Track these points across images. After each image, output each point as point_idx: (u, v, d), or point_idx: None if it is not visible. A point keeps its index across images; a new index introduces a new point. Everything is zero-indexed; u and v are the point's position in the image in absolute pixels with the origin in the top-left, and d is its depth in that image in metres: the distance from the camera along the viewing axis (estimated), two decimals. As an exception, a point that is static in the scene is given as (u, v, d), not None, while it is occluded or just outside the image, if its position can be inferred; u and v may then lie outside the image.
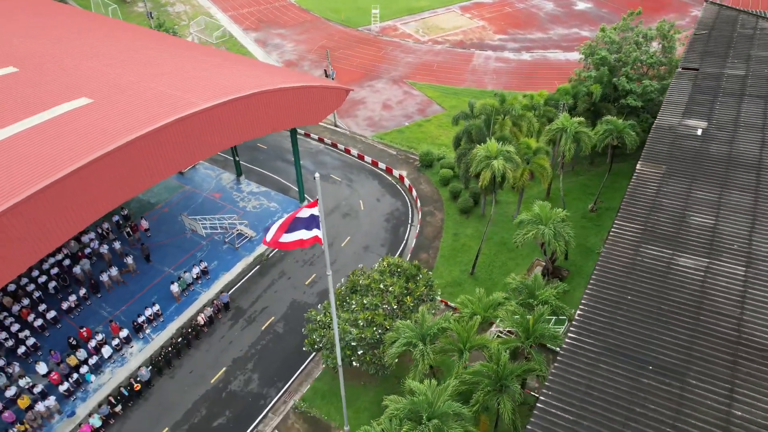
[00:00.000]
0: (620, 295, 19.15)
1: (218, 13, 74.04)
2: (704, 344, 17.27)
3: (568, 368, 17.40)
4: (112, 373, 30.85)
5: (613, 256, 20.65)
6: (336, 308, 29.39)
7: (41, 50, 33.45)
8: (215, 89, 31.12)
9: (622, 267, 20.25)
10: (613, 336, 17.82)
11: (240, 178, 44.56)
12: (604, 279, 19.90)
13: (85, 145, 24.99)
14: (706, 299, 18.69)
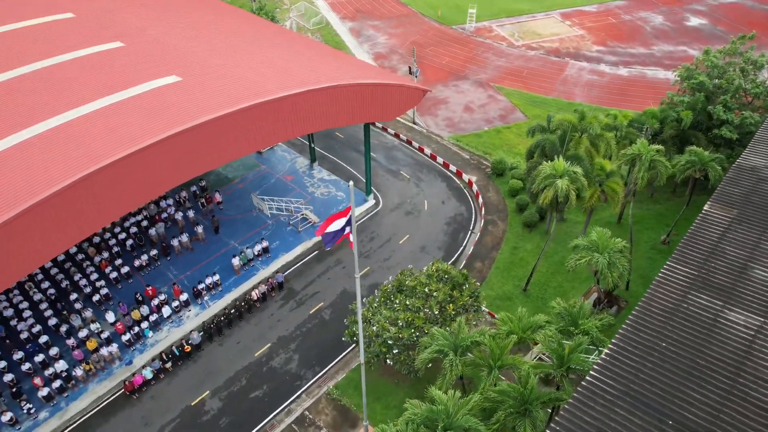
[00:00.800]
0: (655, 340, 18.20)
1: (319, 0, 76.20)
2: (737, 409, 16.08)
3: (582, 407, 16.84)
4: (168, 332, 33.23)
5: (657, 299, 19.60)
6: (379, 305, 30.04)
7: (147, 27, 36.12)
8: (295, 79, 32.37)
9: (664, 311, 19.18)
10: (637, 382, 17.00)
11: (313, 164, 46.04)
12: (642, 321, 18.97)
13: (172, 118, 26.99)
14: (750, 361, 17.36)
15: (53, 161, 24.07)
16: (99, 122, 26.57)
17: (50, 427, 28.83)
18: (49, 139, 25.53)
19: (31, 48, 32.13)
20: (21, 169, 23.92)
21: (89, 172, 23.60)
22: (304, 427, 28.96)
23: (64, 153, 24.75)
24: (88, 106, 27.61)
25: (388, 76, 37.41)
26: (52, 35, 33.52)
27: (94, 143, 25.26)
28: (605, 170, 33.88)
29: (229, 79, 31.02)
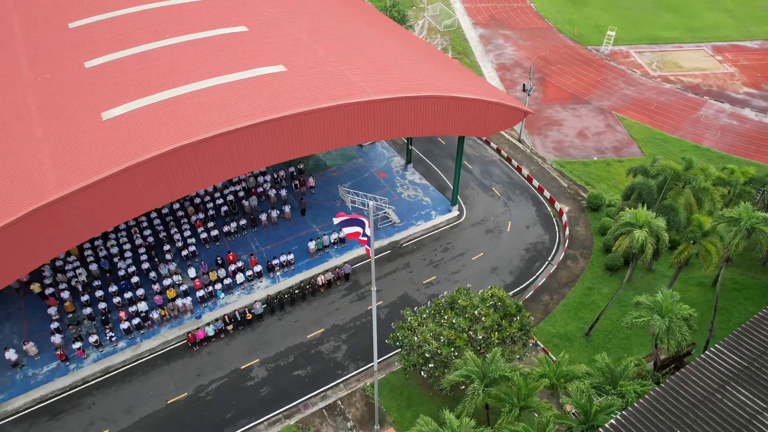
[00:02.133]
0: (670, 425, 16.75)
1: (456, 2, 76.42)
2: None
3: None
4: (238, 297, 36.04)
5: (688, 382, 17.97)
6: (428, 316, 30.31)
7: (271, 16, 38.91)
8: (396, 84, 33.28)
9: (692, 398, 17.53)
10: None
11: (408, 166, 46.91)
12: (663, 402, 17.53)
13: (264, 105, 29.21)
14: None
15: (153, 131, 27.20)
16: (199, 99, 29.45)
17: (124, 356, 32.74)
18: (154, 110, 28.83)
19: (167, 25, 36.07)
20: (147, 130, 27.41)
21: (183, 144, 26.40)
22: (333, 415, 30.25)
23: (161, 125, 27.84)
24: (198, 83, 30.66)
25: (491, 91, 37.04)
26: (187, 15, 37.29)
27: (192, 117, 28.10)
28: (702, 228, 31.22)
29: (330, 75, 32.65)
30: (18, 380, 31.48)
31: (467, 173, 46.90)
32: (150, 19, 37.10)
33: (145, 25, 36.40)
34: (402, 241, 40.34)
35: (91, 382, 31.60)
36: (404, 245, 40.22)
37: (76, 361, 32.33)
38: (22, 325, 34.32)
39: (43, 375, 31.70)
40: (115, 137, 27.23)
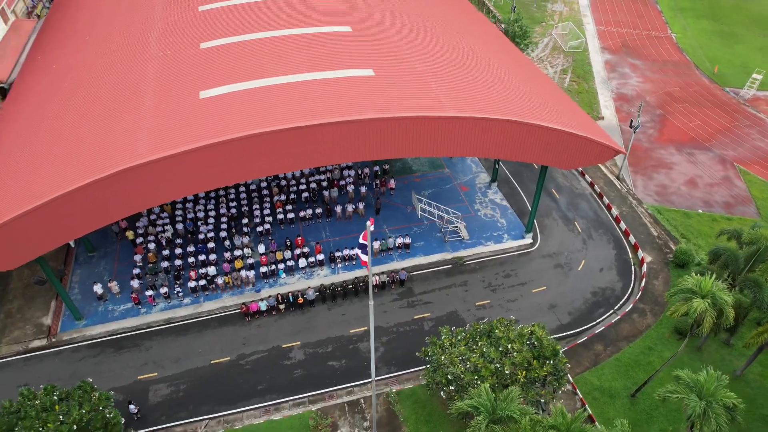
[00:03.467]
0: None
1: (589, 24, 73.10)
2: None
3: None
4: (297, 280, 38.07)
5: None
6: (462, 339, 30.09)
7: (378, 20, 40.17)
8: (478, 102, 33.17)
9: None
10: None
11: (492, 184, 46.30)
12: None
13: (343, 106, 30.57)
14: None
15: (238, 114, 29.59)
16: (288, 90, 31.52)
17: (186, 311, 36.07)
18: (245, 95, 31.24)
19: (280, 16, 38.63)
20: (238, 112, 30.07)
21: (260, 132, 28.52)
22: (353, 412, 31.19)
23: (246, 110, 30.12)
24: (291, 76, 32.71)
25: (583, 123, 35.44)
26: (302, 9, 39.60)
27: (277, 106, 30.18)
28: (786, 311, 27.99)
29: (414, 86, 33.23)
30: (99, 312, 35.90)
31: (552, 203, 45.31)
32: (268, 9, 39.89)
33: (262, 15, 39.23)
34: (466, 259, 40.10)
35: (154, 328, 35.20)
36: (467, 263, 39.96)
37: (147, 306, 36.16)
38: (113, 264, 38.96)
39: (118, 312, 35.87)
40: (203, 116, 29.99)
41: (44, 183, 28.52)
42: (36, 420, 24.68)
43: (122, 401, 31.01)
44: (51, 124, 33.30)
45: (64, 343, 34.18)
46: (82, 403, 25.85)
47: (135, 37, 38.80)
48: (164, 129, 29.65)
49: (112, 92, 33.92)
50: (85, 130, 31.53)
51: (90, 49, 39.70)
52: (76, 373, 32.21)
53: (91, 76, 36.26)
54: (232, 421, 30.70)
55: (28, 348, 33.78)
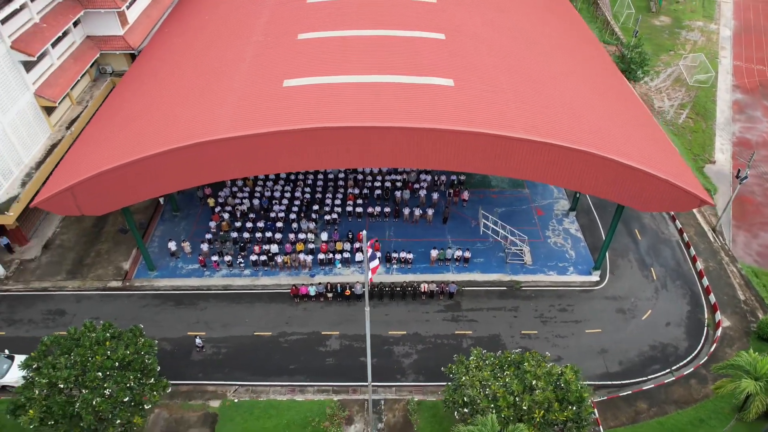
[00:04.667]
0: None
1: (726, 57, 66.87)
2: None
3: None
4: (351, 273, 39.15)
5: None
6: (490, 364, 29.40)
7: (475, 31, 39.87)
8: (552, 127, 32.03)
9: None
10: None
11: (570, 213, 44.36)
12: None
13: (410, 113, 30.99)
14: None
15: (308, 107, 31.00)
16: (364, 89, 32.44)
17: (244, 282, 38.49)
18: (322, 89, 32.57)
19: (380, 17, 39.57)
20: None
21: (316, 126, 29.79)
22: (373, 411, 31.66)
23: (318, 104, 31.42)
24: (373, 76, 33.60)
25: (669, 164, 32.90)
26: (402, 11, 40.28)
27: (346, 103, 31.26)
28: None
29: (490, 102, 32.74)
30: (170, 267, 39.35)
31: (632, 243, 42.54)
32: (371, 8, 41.00)
33: (364, 13, 40.41)
34: (523, 284, 38.93)
35: (212, 291, 37.94)
36: (524, 288, 38.78)
37: (210, 270, 39.04)
38: (192, 227, 42.41)
39: (185, 270, 39.07)
40: (280, 103, 31.76)
41: (135, 143, 31.83)
42: (88, 350, 27.77)
43: (169, 350, 34.02)
44: (156, 91, 36.93)
45: (135, 288, 37.91)
46: (128, 345, 28.66)
47: (245, 20, 41.68)
48: (243, 110, 31.80)
49: (211, 68, 36.84)
50: (181, 100, 34.63)
51: (207, 27, 43.27)
52: (137, 317, 35.67)
53: (200, 52, 39.60)
54: (259, 393, 32.47)
55: (106, 287, 37.90)
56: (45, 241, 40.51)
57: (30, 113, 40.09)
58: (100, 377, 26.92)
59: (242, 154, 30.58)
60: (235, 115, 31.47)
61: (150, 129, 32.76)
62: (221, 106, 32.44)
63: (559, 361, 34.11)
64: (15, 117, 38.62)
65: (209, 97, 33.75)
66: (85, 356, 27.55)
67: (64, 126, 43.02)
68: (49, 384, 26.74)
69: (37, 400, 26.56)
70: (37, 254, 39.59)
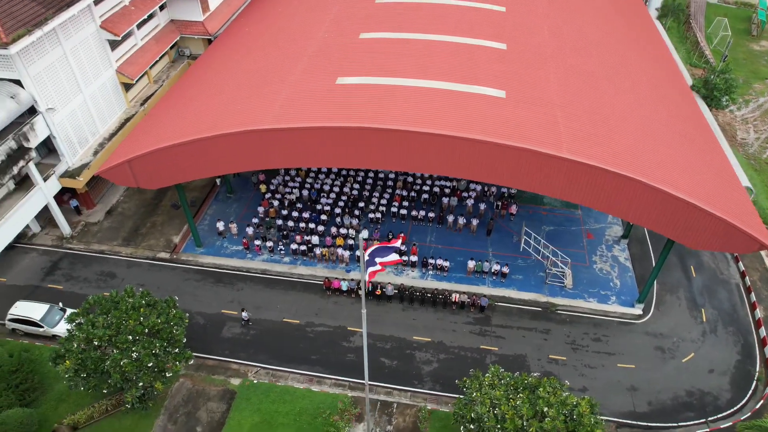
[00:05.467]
0: None
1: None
2: None
3: None
4: (386, 273, 39.39)
5: None
6: (505, 384, 28.81)
7: (540, 42, 38.91)
8: (601, 148, 30.82)
9: None
10: None
11: (622, 240, 42.42)
12: None
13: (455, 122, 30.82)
14: None
15: (359, 105, 31.46)
16: (410, 93, 32.55)
17: (282, 269, 39.69)
18: (374, 89, 32.94)
19: (443, 22, 39.48)
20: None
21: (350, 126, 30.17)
22: (382, 413, 31.89)
23: (367, 102, 31.81)
24: (422, 81, 33.64)
25: (730, 200, 30.80)
26: (468, 18, 39.95)
27: (392, 106, 31.48)
28: None
29: (538, 116, 31.90)
30: (215, 245, 41.25)
31: (685, 280, 40.13)
32: (438, 12, 41.01)
33: (430, 17, 40.48)
34: (560, 307, 37.73)
35: (251, 274, 39.42)
36: (559, 311, 37.58)
37: (252, 254, 40.55)
38: (242, 210, 44.19)
39: (229, 251, 40.81)
40: (329, 99, 32.47)
41: (191, 125, 33.63)
42: (124, 314, 29.75)
43: (202, 324, 35.80)
44: (220, 77, 38.73)
45: (181, 262, 40.04)
46: (160, 314, 30.44)
47: (314, 17, 42.78)
48: (293, 102, 32.78)
49: (273, 61, 38.20)
50: (240, 88, 36.18)
51: (277, 22, 44.81)
52: (177, 289, 37.69)
53: (266, 45, 41.14)
54: (278, 377, 33.47)
55: (155, 257, 40.28)
56: (109, 208, 43.60)
57: (110, 88, 43.18)
58: (130, 340, 28.79)
59: (285, 145, 31.57)
60: (284, 107, 32.51)
61: (207, 113, 34.46)
62: (274, 97, 33.59)
63: (583, 392, 32.88)
64: (96, 90, 41.74)
65: (265, 88, 35.03)
66: (120, 319, 29.53)
67: (138, 102, 46.00)
68: (86, 340, 28.90)
69: (74, 353, 28.76)
70: (100, 219, 42.68)
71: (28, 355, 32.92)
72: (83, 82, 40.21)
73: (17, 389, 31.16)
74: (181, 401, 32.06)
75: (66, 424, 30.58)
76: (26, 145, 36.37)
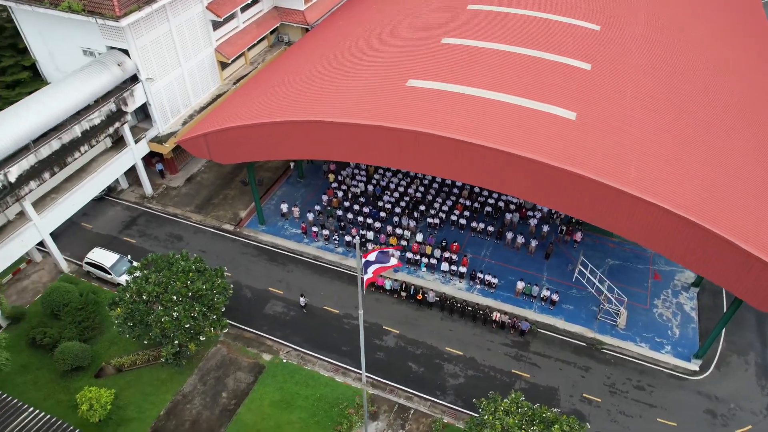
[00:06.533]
0: None
1: None
2: None
3: None
4: (432, 279, 39.25)
5: None
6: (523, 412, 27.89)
7: (636, 61, 36.75)
8: (675, 186, 28.76)
9: None
10: None
11: (692, 288, 39.19)
12: None
13: (519, 140, 30.07)
14: None
15: (413, 111, 31.57)
16: (478, 104, 32.06)
17: (333, 258, 40.71)
18: (438, 95, 32.85)
19: (525, 35, 38.40)
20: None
21: (406, 128, 30.23)
22: (399, 416, 31.97)
23: (418, 109, 31.79)
24: (492, 93, 33.08)
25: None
26: (554, 33, 38.57)
27: (458, 116, 31.26)
28: None
29: (610, 143, 30.30)
30: (277, 225, 43.13)
31: (758, 343, 36.40)
32: (525, 25, 40.00)
33: (516, 28, 39.58)
34: (606, 347, 35.71)
35: (303, 258, 40.84)
36: (604, 351, 35.57)
37: (309, 239, 41.98)
38: (308, 195, 45.79)
39: (288, 233, 42.52)
40: (395, 100, 32.84)
41: (264, 108, 35.43)
42: (174, 275, 32.09)
43: (249, 297, 37.69)
44: (304, 66, 40.34)
45: (243, 236, 42.30)
46: (206, 281, 32.49)
47: (403, 18, 43.20)
48: (361, 99, 33.49)
49: (354, 55, 39.15)
50: (317, 79, 37.51)
51: (370, 16, 45.76)
52: (233, 261, 39.93)
53: (352, 39, 42.20)
54: (306, 361, 34.56)
55: (220, 227, 42.86)
56: (189, 175, 46.91)
57: (207, 65, 46.33)
58: (173, 300, 31.04)
59: (344, 139, 32.39)
60: (352, 102, 33.30)
61: (280, 98, 36.11)
62: (345, 91, 34.50)
63: None
64: (194, 66, 44.97)
65: (339, 82, 36.05)
66: (169, 279, 31.89)
67: (232, 81, 48.95)
68: (137, 292, 31.51)
69: (126, 302, 31.49)
70: (180, 185, 46.04)
71: (95, 297, 36.46)
72: (183, 57, 43.47)
73: (80, 325, 34.65)
74: (214, 366, 34.06)
75: (113, 365, 33.57)
76: (124, 108, 40.00)
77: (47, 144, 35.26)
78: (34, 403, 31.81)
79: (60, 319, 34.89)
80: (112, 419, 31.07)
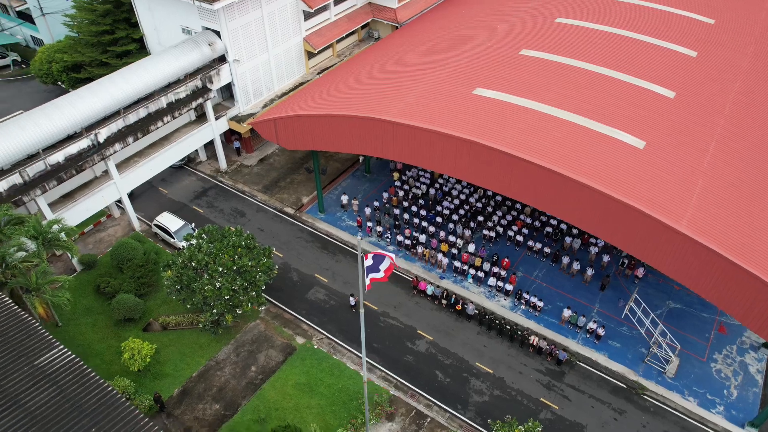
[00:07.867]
0: None
1: None
2: None
3: None
4: (478, 293, 38.52)
5: None
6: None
7: (713, 89, 34.00)
8: (725, 224, 26.44)
9: None
10: None
11: (762, 349, 35.61)
12: None
13: (571, 162, 28.87)
14: None
15: (487, 121, 31.05)
16: (545, 122, 31.07)
17: (384, 256, 41.10)
18: (506, 107, 32.11)
19: (611, 55, 36.48)
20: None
21: (472, 140, 29.74)
22: (415, 422, 31.81)
23: (497, 121, 31.17)
24: (563, 111, 31.86)
25: None
26: (639, 55, 36.35)
27: (519, 132, 30.41)
28: None
29: (675, 178, 28.26)
30: (335, 215, 44.15)
31: (826, 420, 32.58)
32: (611, 43, 38.12)
33: (602, 45, 37.83)
34: (648, 393, 33.44)
35: (353, 251, 41.53)
36: (645, 397, 33.33)
37: (363, 233, 42.62)
38: (370, 190, 46.43)
39: (344, 224, 43.47)
40: (458, 107, 32.53)
41: (333, 100, 36.36)
42: (224, 248, 33.88)
43: (295, 280, 38.97)
44: (380, 63, 40.96)
45: (301, 221, 43.72)
46: (252, 258, 34.02)
47: (487, 25, 42.56)
48: (423, 101, 33.50)
49: (427, 58, 39.16)
50: (387, 78, 37.95)
51: (454, 21, 45.45)
52: (287, 243, 41.42)
53: (429, 42, 42.17)
54: (336, 351, 35.25)
55: (282, 209, 44.55)
56: (263, 156, 49.10)
57: (294, 53, 48.16)
58: (219, 271, 32.80)
59: (399, 140, 32.57)
60: (413, 104, 33.40)
61: (348, 93, 36.91)
62: (408, 92, 34.66)
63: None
64: (281, 52, 46.92)
65: (406, 83, 36.21)
66: (219, 251, 33.70)
67: (316, 71, 50.53)
68: (189, 258, 33.61)
69: (177, 266, 33.69)
70: (253, 164, 48.31)
71: (156, 257, 39.28)
72: (272, 43, 45.49)
73: (138, 281, 37.47)
74: (250, 339, 35.61)
75: (159, 322, 36.05)
76: (209, 86, 42.57)
77: (135, 112, 38.32)
78: (89, 343, 35.17)
79: (123, 272, 37.91)
80: (149, 371, 33.44)
